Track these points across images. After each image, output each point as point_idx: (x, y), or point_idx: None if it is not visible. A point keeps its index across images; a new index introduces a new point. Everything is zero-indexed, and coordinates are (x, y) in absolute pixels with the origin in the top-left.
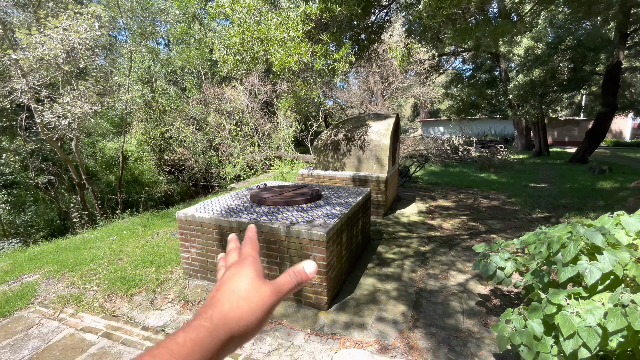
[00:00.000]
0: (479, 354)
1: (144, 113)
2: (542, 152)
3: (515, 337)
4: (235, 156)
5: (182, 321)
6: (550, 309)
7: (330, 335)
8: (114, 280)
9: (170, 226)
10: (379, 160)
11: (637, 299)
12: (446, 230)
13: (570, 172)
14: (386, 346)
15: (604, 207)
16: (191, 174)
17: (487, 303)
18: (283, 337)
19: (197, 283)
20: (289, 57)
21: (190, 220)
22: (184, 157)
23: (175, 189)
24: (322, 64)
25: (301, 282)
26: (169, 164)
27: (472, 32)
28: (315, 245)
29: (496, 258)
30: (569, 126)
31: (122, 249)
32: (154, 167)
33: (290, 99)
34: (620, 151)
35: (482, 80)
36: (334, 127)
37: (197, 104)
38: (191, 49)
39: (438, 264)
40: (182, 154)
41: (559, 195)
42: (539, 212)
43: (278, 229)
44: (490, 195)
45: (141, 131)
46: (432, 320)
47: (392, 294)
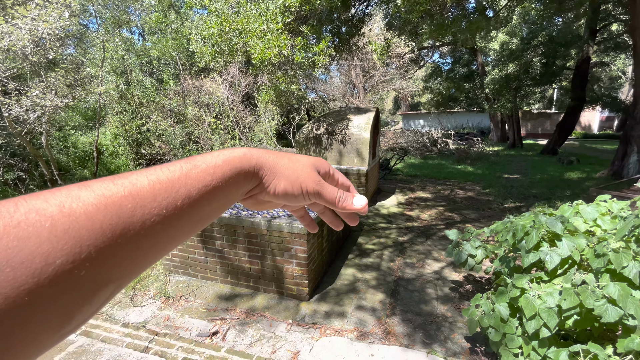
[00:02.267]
0: (452, 337)
1: (119, 105)
2: (516, 144)
3: (484, 320)
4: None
5: (163, 317)
6: (515, 293)
7: (311, 324)
8: None
9: None
10: (360, 153)
11: (588, 279)
12: (424, 221)
13: (541, 164)
14: (365, 333)
15: (570, 196)
16: None
17: (460, 289)
18: (265, 328)
19: (177, 279)
20: (269, 50)
21: None
22: (162, 151)
23: None
24: (302, 56)
25: (343, 202)
26: (147, 158)
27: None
28: (296, 238)
29: (467, 246)
30: (542, 119)
31: None
32: (130, 162)
33: (270, 91)
34: (589, 143)
35: (460, 74)
36: (315, 120)
37: (174, 96)
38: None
39: (415, 253)
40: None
41: (530, 185)
42: (511, 202)
43: (259, 223)
44: (466, 187)
45: (116, 124)
46: (409, 307)
47: (372, 283)
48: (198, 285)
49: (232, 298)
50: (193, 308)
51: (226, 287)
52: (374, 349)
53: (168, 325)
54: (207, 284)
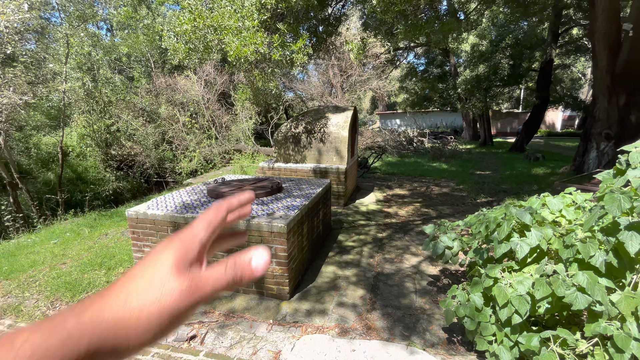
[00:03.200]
0: (430, 328)
1: (86, 104)
2: (487, 142)
3: (460, 310)
4: (191, 150)
5: None
6: (488, 282)
7: (292, 323)
8: (57, 286)
9: (120, 226)
10: (339, 152)
11: (559, 269)
12: (401, 217)
13: (510, 160)
14: (346, 329)
15: (537, 190)
16: (142, 169)
17: (437, 282)
18: (245, 329)
19: None
20: (245, 47)
21: (142, 219)
22: (133, 151)
23: (125, 186)
24: (279, 54)
25: (241, 279)
26: (117, 160)
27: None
28: (276, 237)
29: (444, 238)
30: (510, 118)
31: (66, 253)
32: (99, 163)
33: (247, 90)
34: (553, 140)
35: (434, 74)
36: (294, 119)
37: (146, 95)
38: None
39: (394, 248)
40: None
41: (500, 181)
42: (483, 197)
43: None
44: (441, 183)
45: (83, 124)
46: (389, 301)
47: (352, 279)
48: None
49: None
50: None
51: None
52: (355, 344)
53: None
54: None
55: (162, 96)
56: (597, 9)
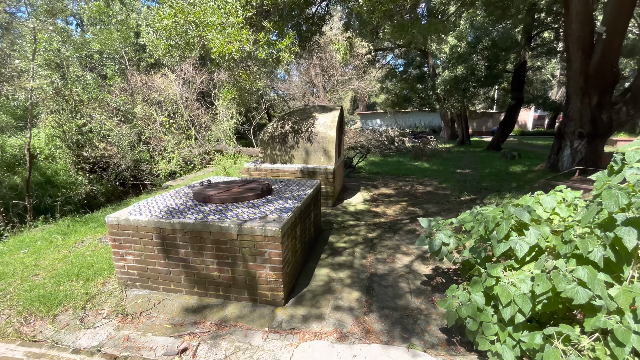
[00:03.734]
0: (428, 329)
1: (55, 103)
2: (465, 142)
3: (462, 310)
4: (170, 151)
5: (121, 337)
6: (490, 282)
7: (289, 330)
8: (30, 300)
9: (97, 232)
10: (327, 152)
11: (559, 264)
12: (390, 216)
13: (488, 159)
14: (344, 333)
15: (517, 188)
16: (117, 172)
17: (431, 282)
18: (240, 339)
19: (136, 293)
20: (230, 44)
21: (124, 225)
22: (107, 153)
23: (99, 190)
24: (266, 52)
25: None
26: (90, 162)
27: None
28: (269, 241)
29: (441, 235)
30: (485, 118)
31: (38, 263)
32: (70, 166)
33: (232, 89)
34: (525, 139)
35: (413, 75)
36: (279, 119)
37: (121, 94)
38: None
39: (385, 248)
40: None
41: (480, 179)
42: (467, 195)
43: (229, 227)
44: (424, 182)
45: (52, 124)
46: (385, 303)
47: (346, 281)
48: (160, 298)
49: (201, 310)
50: (156, 324)
51: (193, 299)
52: (356, 349)
53: (128, 347)
54: (170, 297)
55: (138, 95)
56: (571, 13)
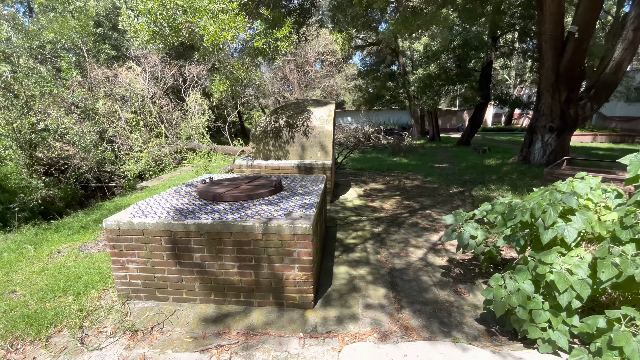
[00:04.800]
0: (464, 321)
1: (3, 99)
2: (435, 138)
3: (512, 299)
4: (137, 150)
5: (135, 358)
6: (543, 269)
7: (325, 334)
8: (13, 321)
9: (73, 240)
10: (324, 147)
11: (626, 249)
12: (388, 211)
13: (461, 153)
14: (384, 333)
15: (497, 179)
16: (78, 174)
17: (450, 273)
18: (275, 348)
19: (142, 305)
20: (224, 32)
21: (127, 229)
22: (65, 153)
23: (57, 194)
24: (263, 42)
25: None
26: (44, 163)
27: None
28: (299, 240)
29: (468, 228)
30: (449, 115)
31: (12, 278)
32: (22, 168)
33: (225, 80)
34: (488, 135)
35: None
36: (272, 113)
37: (79, 88)
38: (67, 19)
39: (395, 242)
40: (61, 150)
41: (460, 172)
42: (455, 188)
43: (253, 226)
44: (409, 176)
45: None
46: (413, 298)
47: (368, 278)
48: (172, 310)
49: (222, 319)
50: (174, 339)
51: (210, 308)
52: (403, 348)
53: None
54: (183, 307)
55: (99, 90)
56: (545, 13)
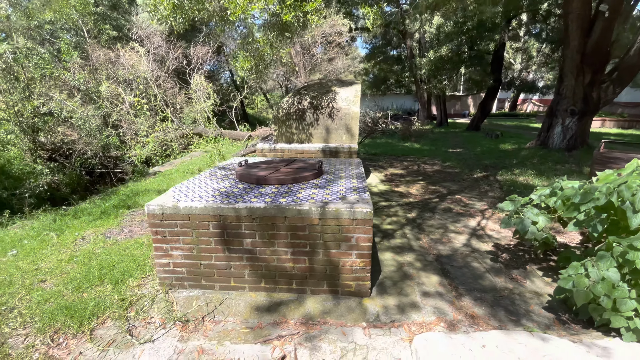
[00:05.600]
0: (530, 309)
1: (4, 81)
2: (443, 123)
3: (597, 288)
4: (143, 135)
5: (194, 350)
6: (635, 255)
7: (390, 323)
8: (50, 313)
9: (96, 226)
10: (349, 129)
11: None
12: (416, 196)
13: (472, 138)
14: (451, 322)
15: (518, 164)
16: (83, 159)
17: (499, 259)
18: (340, 338)
19: (187, 294)
20: (252, 4)
21: (171, 214)
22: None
23: (61, 180)
24: (292, 15)
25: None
26: (47, 149)
27: None
28: (358, 225)
29: (530, 214)
30: (453, 100)
31: (39, 267)
32: (26, 154)
33: (249, 57)
34: (493, 120)
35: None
36: (295, 94)
37: (80, 70)
38: None
39: (432, 228)
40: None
41: (477, 157)
42: (478, 173)
43: (309, 211)
44: (427, 161)
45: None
46: (469, 285)
47: (417, 265)
48: (220, 298)
49: (275, 308)
50: (229, 330)
51: (260, 296)
52: (478, 338)
53: None
54: (231, 296)
55: (102, 72)
56: None
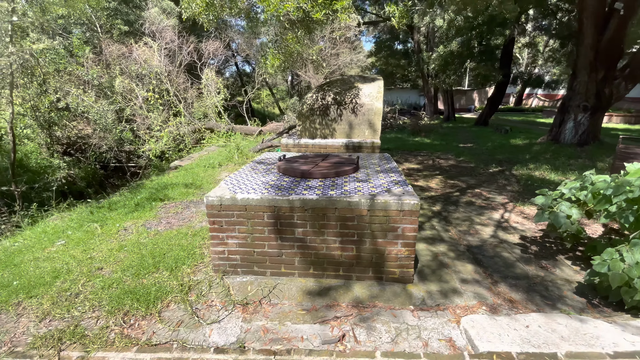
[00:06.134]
0: (564, 294)
1: (23, 75)
2: (450, 118)
3: (632, 271)
4: (157, 129)
5: (258, 330)
6: None
7: (435, 307)
8: (116, 297)
9: (134, 218)
10: (372, 124)
11: None
12: (437, 190)
13: (482, 133)
14: (492, 306)
15: (532, 159)
16: (98, 153)
17: (528, 250)
18: (391, 320)
19: (240, 280)
20: (285, 2)
21: (229, 205)
22: (83, 132)
23: (77, 174)
24: (323, 13)
25: None
26: (64, 143)
27: None
28: (405, 215)
29: (563, 207)
30: (459, 95)
31: (92, 256)
32: (42, 148)
33: (278, 55)
34: (500, 115)
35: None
36: (318, 89)
37: (94, 65)
38: None
39: (459, 220)
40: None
41: (490, 152)
42: (493, 167)
43: (359, 202)
44: (440, 156)
45: (17, 101)
46: (503, 273)
47: (450, 255)
48: (272, 283)
49: (325, 292)
50: (287, 312)
51: (309, 281)
52: (520, 319)
53: (275, 339)
54: (282, 281)
55: (115, 67)
56: None
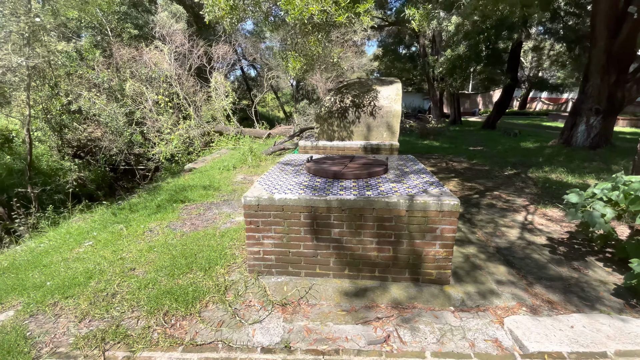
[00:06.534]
0: (600, 295)
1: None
2: (457, 121)
3: None
4: (167, 132)
5: (301, 330)
6: None
7: (475, 308)
8: (154, 297)
9: (157, 219)
10: (390, 127)
11: None
12: (455, 192)
13: (490, 137)
14: (532, 307)
15: (545, 162)
16: (108, 156)
17: (557, 251)
18: (434, 321)
19: (275, 280)
20: (309, 6)
21: (266, 205)
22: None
23: (87, 176)
24: (345, 16)
25: None
26: (74, 146)
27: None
28: (444, 216)
29: (598, 206)
30: (463, 99)
31: (123, 256)
32: (53, 151)
33: (300, 58)
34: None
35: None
36: (337, 92)
37: (105, 68)
38: None
39: (483, 222)
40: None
41: (501, 155)
42: (509, 170)
43: (397, 203)
44: (453, 159)
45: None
46: (537, 274)
47: (481, 256)
48: (307, 284)
49: (362, 293)
50: (326, 312)
51: (344, 282)
52: (564, 320)
53: (319, 339)
54: (317, 281)
55: (125, 70)
56: None
